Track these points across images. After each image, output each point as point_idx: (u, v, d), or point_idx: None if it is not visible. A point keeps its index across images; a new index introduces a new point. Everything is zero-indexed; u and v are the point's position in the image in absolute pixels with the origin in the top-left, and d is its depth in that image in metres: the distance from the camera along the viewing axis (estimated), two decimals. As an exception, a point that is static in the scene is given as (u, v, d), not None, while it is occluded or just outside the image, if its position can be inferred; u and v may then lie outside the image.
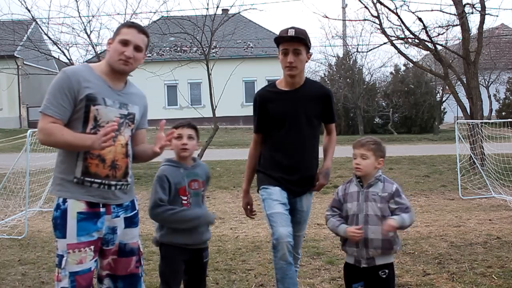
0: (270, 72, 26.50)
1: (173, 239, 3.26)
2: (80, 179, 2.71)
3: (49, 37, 12.73)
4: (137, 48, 2.80)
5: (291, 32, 3.34)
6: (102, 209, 2.76)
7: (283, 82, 3.54)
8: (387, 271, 3.12)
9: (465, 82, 11.91)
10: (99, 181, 2.74)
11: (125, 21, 2.97)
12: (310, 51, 3.50)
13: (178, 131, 3.25)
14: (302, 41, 3.36)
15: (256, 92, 3.68)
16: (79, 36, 14.02)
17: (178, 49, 26.34)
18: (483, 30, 12.22)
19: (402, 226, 3.04)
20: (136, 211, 2.98)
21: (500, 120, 12.55)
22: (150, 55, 25.17)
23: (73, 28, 14.17)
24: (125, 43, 2.77)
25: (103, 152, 2.72)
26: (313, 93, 3.51)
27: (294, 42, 3.36)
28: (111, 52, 2.80)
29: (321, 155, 3.71)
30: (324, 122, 3.63)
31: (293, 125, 3.45)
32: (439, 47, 12.73)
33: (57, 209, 2.73)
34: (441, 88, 24.33)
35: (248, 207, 3.69)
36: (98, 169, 2.73)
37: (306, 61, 3.46)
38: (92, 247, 2.74)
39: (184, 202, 3.25)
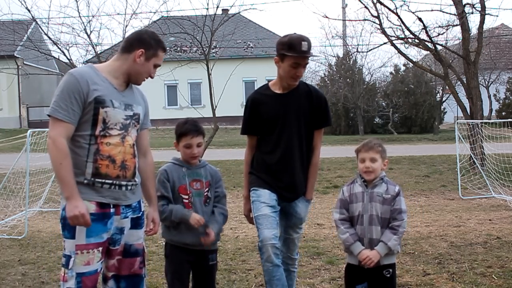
0: (270, 72, 26.17)
1: (172, 236, 3.27)
2: (91, 180, 2.72)
3: (49, 37, 12.75)
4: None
5: (305, 46, 3.29)
6: (112, 210, 2.77)
7: (278, 84, 3.49)
8: (391, 270, 3.14)
9: (465, 82, 11.91)
10: (110, 181, 2.74)
11: (161, 42, 2.94)
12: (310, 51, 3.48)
13: (188, 141, 3.25)
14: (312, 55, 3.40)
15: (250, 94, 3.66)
16: (79, 36, 14.03)
17: (178, 49, 26.29)
18: (483, 30, 12.22)
19: (388, 251, 3.06)
20: (142, 212, 2.98)
21: (500, 120, 12.56)
22: (150, 55, 25.11)
23: (73, 28, 14.19)
24: (157, 66, 2.88)
25: (113, 153, 2.74)
26: (307, 96, 3.46)
27: (306, 56, 3.36)
28: (144, 70, 2.85)
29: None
30: (315, 127, 3.50)
31: (284, 128, 3.42)
32: (439, 47, 12.74)
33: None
34: (441, 88, 24.31)
35: (251, 214, 3.58)
36: (108, 170, 2.74)
37: None
38: (100, 248, 2.75)
39: (185, 201, 3.26)
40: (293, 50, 3.29)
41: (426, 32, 11.91)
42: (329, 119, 3.57)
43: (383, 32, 12.42)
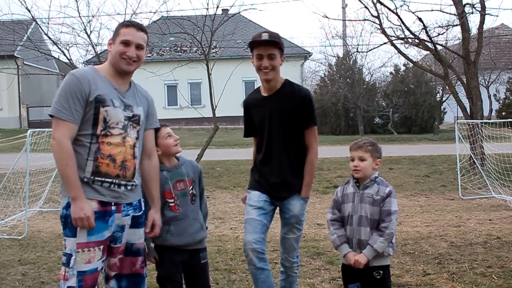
0: (270, 72, 26.37)
1: (163, 241, 3.26)
2: (90, 179, 2.73)
3: (49, 37, 12.73)
4: (139, 47, 2.84)
5: (265, 36, 3.33)
6: (113, 207, 2.78)
7: (262, 87, 3.56)
8: (381, 272, 3.12)
9: (465, 82, 11.91)
10: (109, 180, 2.75)
11: (123, 20, 3.04)
12: (310, 51, 3.50)
13: (166, 131, 3.29)
14: (277, 45, 3.35)
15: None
16: (79, 36, 14.05)
17: (178, 49, 26.32)
18: (483, 30, 12.22)
19: (376, 254, 3.05)
20: (143, 211, 2.99)
21: (500, 120, 12.56)
22: (150, 55, 25.17)
23: (73, 28, 14.27)
24: (126, 43, 2.80)
25: (114, 152, 2.76)
26: (289, 97, 3.46)
27: (269, 46, 3.34)
28: (113, 53, 2.82)
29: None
30: (300, 127, 3.48)
31: (271, 131, 3.46)
32: (439, 47, 12.73)
33: (67, 207, 2.72)
34: (441, 88, 24.31)
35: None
36: (108, 169, 2.75)
37: (280, 64, 3.44)
38: (101, 247, 2.75)
39: (171, 205, 3.26)
40: (254, 42, 3.37)
41: (426, 32, 11.91)
42: (313, 118, 3.50)
43: (383, 32, 12.42)
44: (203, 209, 3.48)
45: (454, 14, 11.97)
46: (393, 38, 12.60)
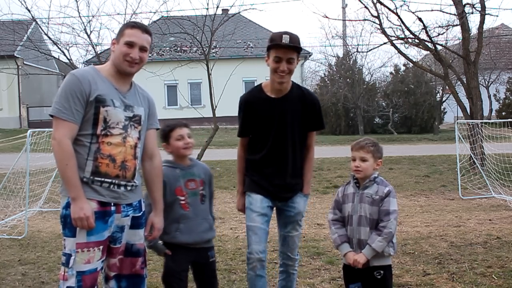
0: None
1: (172, 238, 3.27)
2: (90, 179, 2.72)
3: (49, 37, 12.74)
4: (142, 49, 2.84)
5: (286, 39, 3.23)
6: (113, 208, 2.77)
7: (270, 86, 3.45)
8: (382, 272, 3.12)
9: (465, 82, 11.91)
10: (109, 180, 2.75)
11: (128, 21, 3.03)
12: (310, 51, 3.49)
13: (178, 132, 3.30)
14: (297, 50, 3.30)
15: (242, 94, 3.62)
16: (79, 36, 14.06)
17: (178, 49, 26.32)
18: (483, 30, 12.22)
19: (375, 253, 3.05)
20: (143, 211, 2.99)
21: (500, 120, 12.57)
22: (150, 55, 25.14)
23: (73, 28, 14.27)
24: (130, 45, 2.79)
25: (114, 153, 2.75)
26: (300, 100, 3.44)
27: (289, 50, 3.27)
28: (116, 54, 2.82)
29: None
30: (308, 130, 3.52)
31: (279, 133, 3.43)
32: (439, 47, 12.74)
33: (66, 207, 2.72)
34: (441, 88, 24.32)
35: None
36: (108, 169, 2.74)
37: (295, 66, 3.39)
38: (101, 247, 2.75)
39: (182, 202, 3.27)
40: (273, 42, 3.29)
41: (426, 32, 11.92)
42: (323, 122, 3.58)
43: (383, 32, 12.42)
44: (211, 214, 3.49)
45: (454, 14, 11.98)
46: (393, 38, 12.61)
